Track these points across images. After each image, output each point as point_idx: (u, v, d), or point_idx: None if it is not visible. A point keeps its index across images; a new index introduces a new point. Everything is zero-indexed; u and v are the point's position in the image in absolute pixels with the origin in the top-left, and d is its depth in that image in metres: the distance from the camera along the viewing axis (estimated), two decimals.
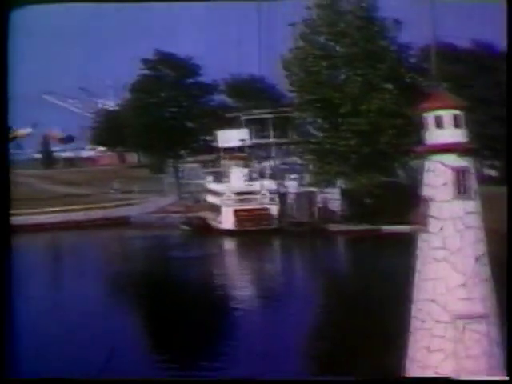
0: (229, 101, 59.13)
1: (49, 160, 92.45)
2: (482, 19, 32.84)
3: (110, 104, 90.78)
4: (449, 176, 10.10)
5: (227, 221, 39.07)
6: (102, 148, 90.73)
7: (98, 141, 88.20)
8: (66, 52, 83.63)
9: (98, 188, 57.71)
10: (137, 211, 46.14)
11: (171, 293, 26.53)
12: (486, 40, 40.62)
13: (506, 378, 9.60)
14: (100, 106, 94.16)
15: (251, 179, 41.69)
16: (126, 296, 26.94)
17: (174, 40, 70.47)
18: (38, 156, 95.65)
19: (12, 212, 42.57)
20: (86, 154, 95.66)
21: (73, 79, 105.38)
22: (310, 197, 38.66)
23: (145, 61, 54.82)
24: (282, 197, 39.88)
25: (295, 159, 46.56)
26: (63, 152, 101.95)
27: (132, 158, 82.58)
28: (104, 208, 47.80)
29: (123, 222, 44.02)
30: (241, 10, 44.19)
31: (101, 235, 42.91)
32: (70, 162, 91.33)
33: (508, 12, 9.24)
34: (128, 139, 63.69)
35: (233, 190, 40.47)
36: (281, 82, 44.19)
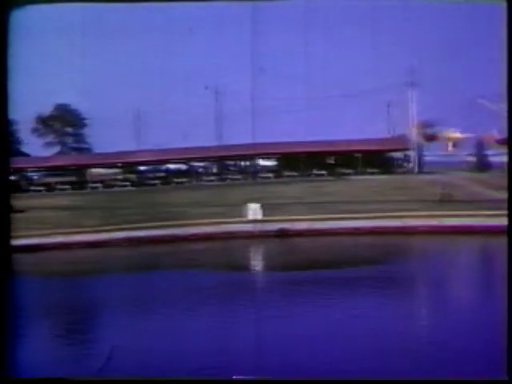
0: None
1: (482, 164, 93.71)
2: None
3: None
4: None
5: None
6: None
7: None
8: None
9: None
10: None
11: None
12: None
13: (506, 378, 9.34)
14: None
15: None
16: None
17: None
18: (472, 159, 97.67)
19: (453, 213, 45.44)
20: None
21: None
22: None
23: None
24: None
25: None
26: (495, 156, 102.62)
27: None
28: None
29: None
30: None
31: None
32: (501, 166, 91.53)
33: (508, 12, 9.05)
34: None
35: None
36: None
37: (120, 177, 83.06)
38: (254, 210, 51.01)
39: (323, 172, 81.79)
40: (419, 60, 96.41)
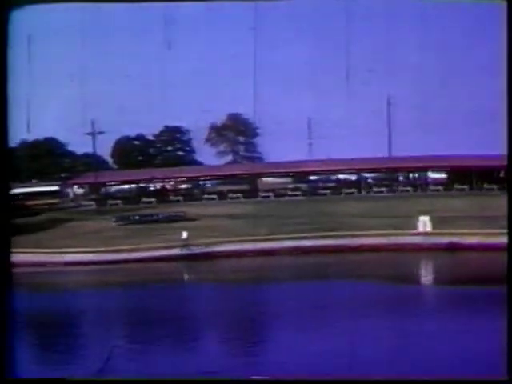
0: None
1: None
2: None
3: None
4: None
5: None
6: None
7: None
8: None
9: None
10: None
11: None
12: None
13: (506, 378, 9.02)
14: None
15: None
16: None
17: None
18: None
19: None
20: None
21: None
22: None
23: None
24: None
25: None
26: None
27: None
28: None
29: None
30: None
31: None
32: None
33: (508, 12, 8.83)
34: None
35: None
36: None
37: (291, 186, 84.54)
38: (423, 223, 50.64)
39: (494, 186, 79.46)
40: None
